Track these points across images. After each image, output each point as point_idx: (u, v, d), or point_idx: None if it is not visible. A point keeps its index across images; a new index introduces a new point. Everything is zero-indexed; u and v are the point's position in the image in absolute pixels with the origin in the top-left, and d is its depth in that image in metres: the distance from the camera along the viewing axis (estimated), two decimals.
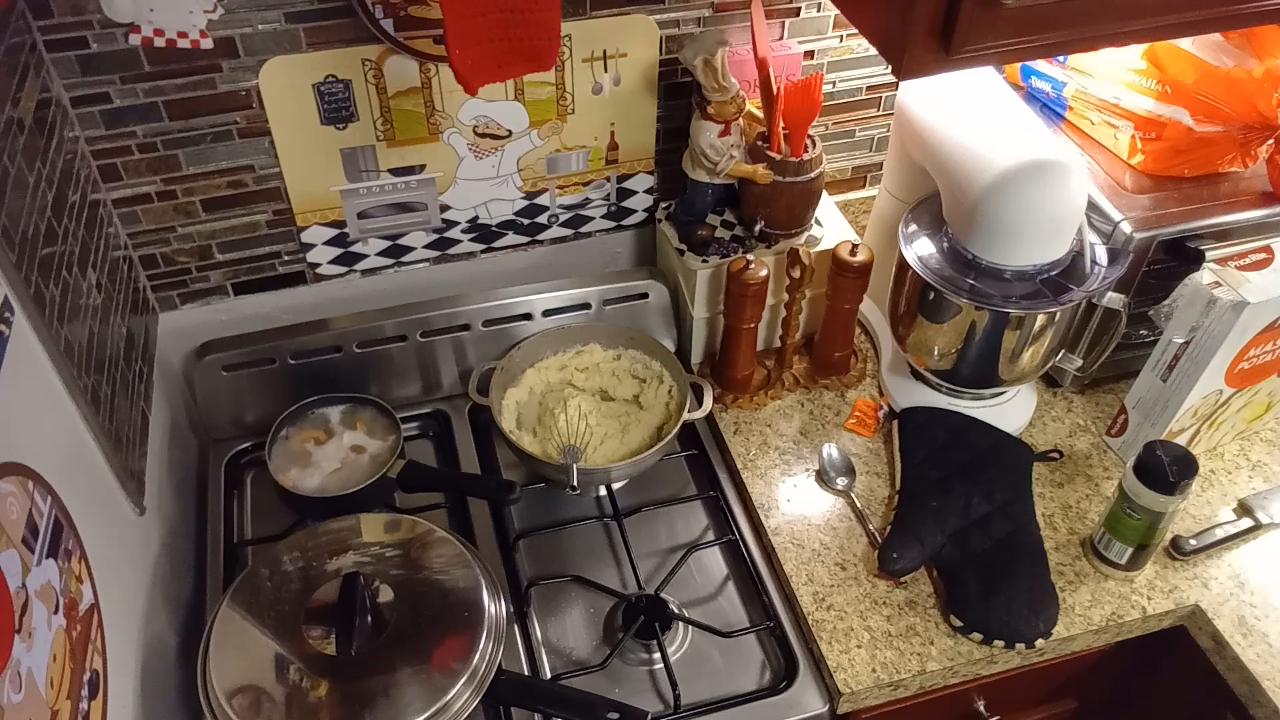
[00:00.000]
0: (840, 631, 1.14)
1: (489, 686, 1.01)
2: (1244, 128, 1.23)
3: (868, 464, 1.32)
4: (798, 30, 1.35)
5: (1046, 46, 0.98)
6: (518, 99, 1.29)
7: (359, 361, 1.36)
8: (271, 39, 1.14)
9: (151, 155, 1.19)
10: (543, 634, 1.19)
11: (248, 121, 1.20)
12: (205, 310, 1.35)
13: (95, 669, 0.89)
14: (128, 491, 1.07)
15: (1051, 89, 1.39)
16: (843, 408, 1.39)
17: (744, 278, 1.27)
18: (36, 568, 0.80)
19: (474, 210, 1.38)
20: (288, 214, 1.30)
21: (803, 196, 1.33)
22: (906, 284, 1.27)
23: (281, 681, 0.99)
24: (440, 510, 1.31)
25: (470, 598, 1.06)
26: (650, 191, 1.45)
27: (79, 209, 1.08)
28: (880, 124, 1.52)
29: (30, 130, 0.98)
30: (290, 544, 1.12)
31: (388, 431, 1.31)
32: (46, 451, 0.88)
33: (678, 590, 1.22)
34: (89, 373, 1.01)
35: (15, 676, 0.73)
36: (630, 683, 1.14)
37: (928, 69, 0.96)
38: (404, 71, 1.21)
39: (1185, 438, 1.28)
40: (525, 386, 1.39)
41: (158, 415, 1.23)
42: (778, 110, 1.28)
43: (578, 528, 1.30)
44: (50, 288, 0.95)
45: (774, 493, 1.29)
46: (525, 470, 1.34)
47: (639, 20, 1.27)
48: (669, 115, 1.37)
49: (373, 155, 1.28)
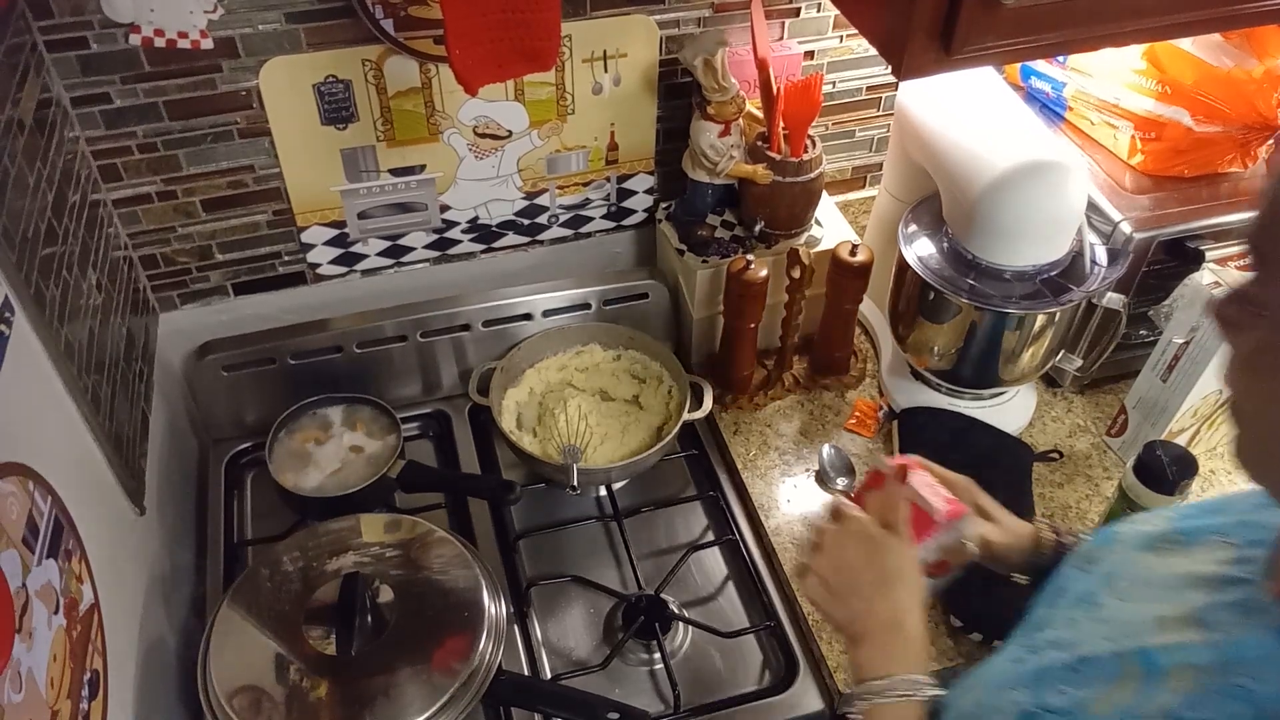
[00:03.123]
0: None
1: (489, 686, 1.01)
2: (1244, 128, 1.23)
3: (868, 464, 1.32)
4: (798, 30, 1.35)
5: (1046, 46, 0.98)
6: (518, 99, 1.29)
7: (359, 361, 1.36)
8: (271, 39, 1.14)
9: (152, 155, 1.19)
10: (543, 634, 1.19)
11: (248, 122, 1.20)
12: (205, 310, 1.35)
13: (95, 669, 0.89)
14: (128, 491, 1.07)
15: (1051, 89, 1.39)
16: (843, 408, 1.39)
17: (744, 278, 1.27)
18: (36, 568, 0.80)
19: (474, 210, 1.38)
20: (288, 214, 1.30)
21: (803, 196, 1.33)
22: (906, 284, 1.27)
23: (281, 681, 0.99)
24: (440, 510, 1.31)
25: (470, 598, 1.06)
26: (650, 191, 1.45)
27: (79, 209, 1.08)
28: (880, 124, 1.52)
29: (30, 130, 0.98)
30: (290, 544, 1.13)
31: (387, 431, 1.31)
32: (46, 451, 0.88)
33: (678, 590, 1.22)
34: (89, 373, 1.01)
35: (15, 676, 0.73)
36: (630, 683, 1.15)
37: (928, 69, 0.96)
38: (404, 71, 1.21)
39: (1185, 438, 1.28)
40: (525, 386, 1.39)
41: (158, 415, 1.23)
42: (778, 110, 1.28)
43: (578, 528, 1.30)
44: (50, 288, 0.95)
45: (774, 493, 1.29)
46: (525, 470, 1.34)
47: (639, 20, 1.27)
48: (669, 115, 1.37)
49: (373, 155, 1.28)
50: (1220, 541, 0.68)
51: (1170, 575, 0.68)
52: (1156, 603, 0.66)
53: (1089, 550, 0.79)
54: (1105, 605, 0.70)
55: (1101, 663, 0.64)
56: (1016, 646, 0.74)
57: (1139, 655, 0.62)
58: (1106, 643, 0.65)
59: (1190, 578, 0.66)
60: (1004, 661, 0.73)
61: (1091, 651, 0.65)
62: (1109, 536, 0.79)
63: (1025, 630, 0.76)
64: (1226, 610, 0.61)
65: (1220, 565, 0.65)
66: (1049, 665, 0.68)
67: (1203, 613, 0.62)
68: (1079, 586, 0.75)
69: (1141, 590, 0.69)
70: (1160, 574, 0.69)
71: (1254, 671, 0.55)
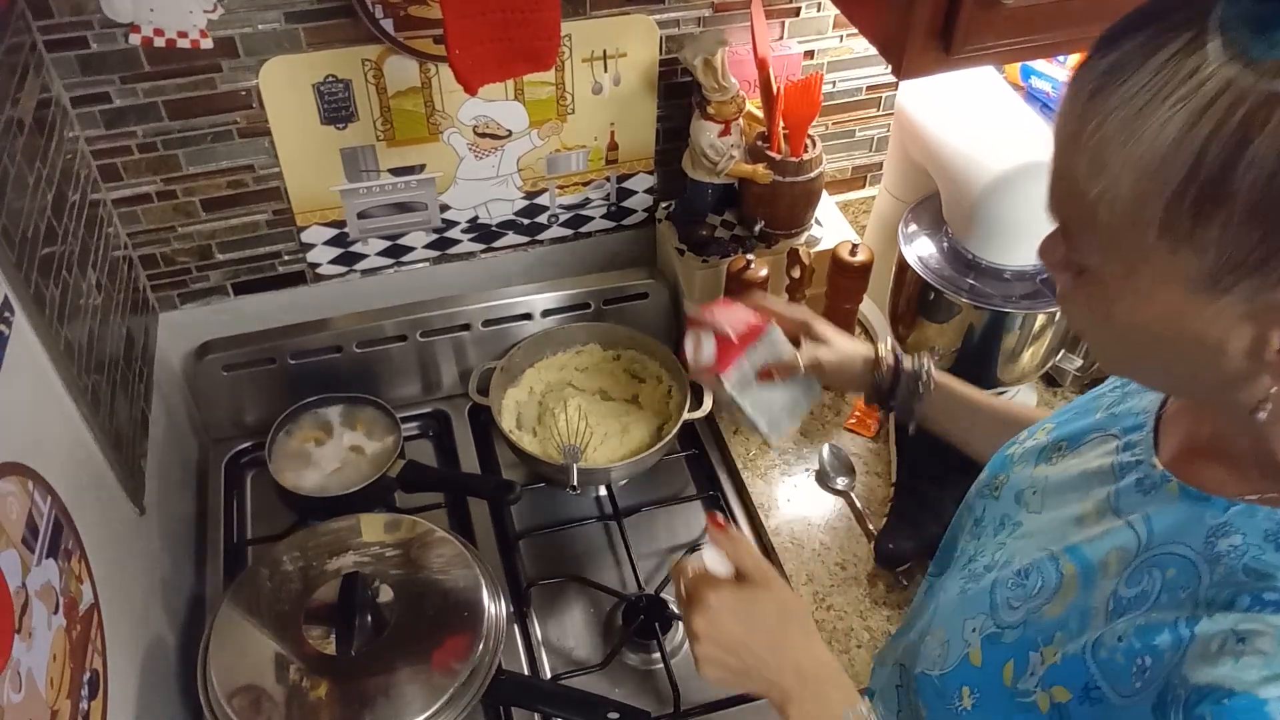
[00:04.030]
0: (840, 631, 1.14)
1: (489, 686, 1.01)
2: None
3: (868, 464, 1.32)
4: (798, 30, 1.35)
5: (1046, 46, 0.98)
6: (518, 99, 1.29)
7: (359, 361, 1.36)
8: (271, 39, 1.14)
9: (151, 155, 1.19)
10: (543, 634, 1.19)
11: (248, 121, 1.20)
12: (205, 310, 1.35)
13: (95, 669, 0.89)
14: (128, 491, 1.07)
15: (1052, 89, 1.38)
16: (843, 408, 1.39)
17: (744, 277, 1.27)
18: (36, 568, 0.80)
19: (474, 210, 1.38)
20: (288, 214, 1.30)
21: (803, 196, 1.33)
22: (906, 284, 1.27)
23: (281, 681, 0.99)
24: (440, 510, 1.31)
25: (470, 598, 1.06)
26: (650, 191, 1.45)
27: (79, 209, 1.08)
28: (880, 124, 1.52)
29: (30, 130, 0.98)
30: (290, 544, 1.13)
31: (388, 431, 1.31)
32: (46, 451, 0.88)
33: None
34: (89, 373, 1.00)
35: (15, 676, 0.73)
36: (630, 683, 1.15)
37: (928, 69, 0.96)
38: (404, 71, 1.21)
39: None
40: (525, 386, 1.39)
41: (158, 415, 1.23)
42: (778, 110, 1.28)
43: (578, 528, 1.30)
44: (50, 288, 0.95)
45: (774, 493, 1.29)
46: (525, 470, 1.34)
47: (639, 20, 1.27)
48: (669, 115, 1.37)
49: (373, 155, 1.27)
50: (1102, 436, 0.72)
51: (1071, 478, 0.72)
52: (1070, 505, 0.70)
53: (990, 479, 0.82)
54: (1024, 521, 0.74)
55: (1041, 568, 0.67)
56: (957, 580, 0.77)
57: (1070, 553, 0.66)
58: (1039, 551, 0.69)
59: (1089, 474, 0.70)
60: (951, 597, 0.76)
61: (1029, 561, 0.69)
62: (1003, 461, 0.82)
63: (959, 564, 0.79)
64: (1130, 493, 0.65)
65: (1110, 456, 0.69)
66: (994, 585, 0.71)
67: (1113, 500, 0.66)
68: (993, 513, 0.78)
69: (1052, 499, 0.73)
70: (1062, 479, 0.73)
71: (1174, 536, 0.60)
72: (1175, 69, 0.47)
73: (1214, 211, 0.47)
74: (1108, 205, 0.50)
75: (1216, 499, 0.59)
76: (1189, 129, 0.46)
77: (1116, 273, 0.53)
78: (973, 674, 0.69)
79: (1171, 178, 0.47)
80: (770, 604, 0.81)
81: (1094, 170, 0.51)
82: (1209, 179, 0.46)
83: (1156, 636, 0.55)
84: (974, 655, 0.69)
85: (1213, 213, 0.47)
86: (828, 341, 1.03)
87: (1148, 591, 0.59)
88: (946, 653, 0.72)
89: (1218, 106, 0.46)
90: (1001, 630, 0.68)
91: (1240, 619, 0.52)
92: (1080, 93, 0.52)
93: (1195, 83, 0.46)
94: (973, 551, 0.78)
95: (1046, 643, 0.63)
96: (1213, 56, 0.46)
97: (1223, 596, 0.54)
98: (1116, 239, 0.51)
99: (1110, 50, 0.51)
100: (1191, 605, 0.55)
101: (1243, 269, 0.48)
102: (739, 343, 0.99)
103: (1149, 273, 0.51)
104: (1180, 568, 0.58)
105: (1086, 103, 0.51)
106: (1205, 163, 0.46)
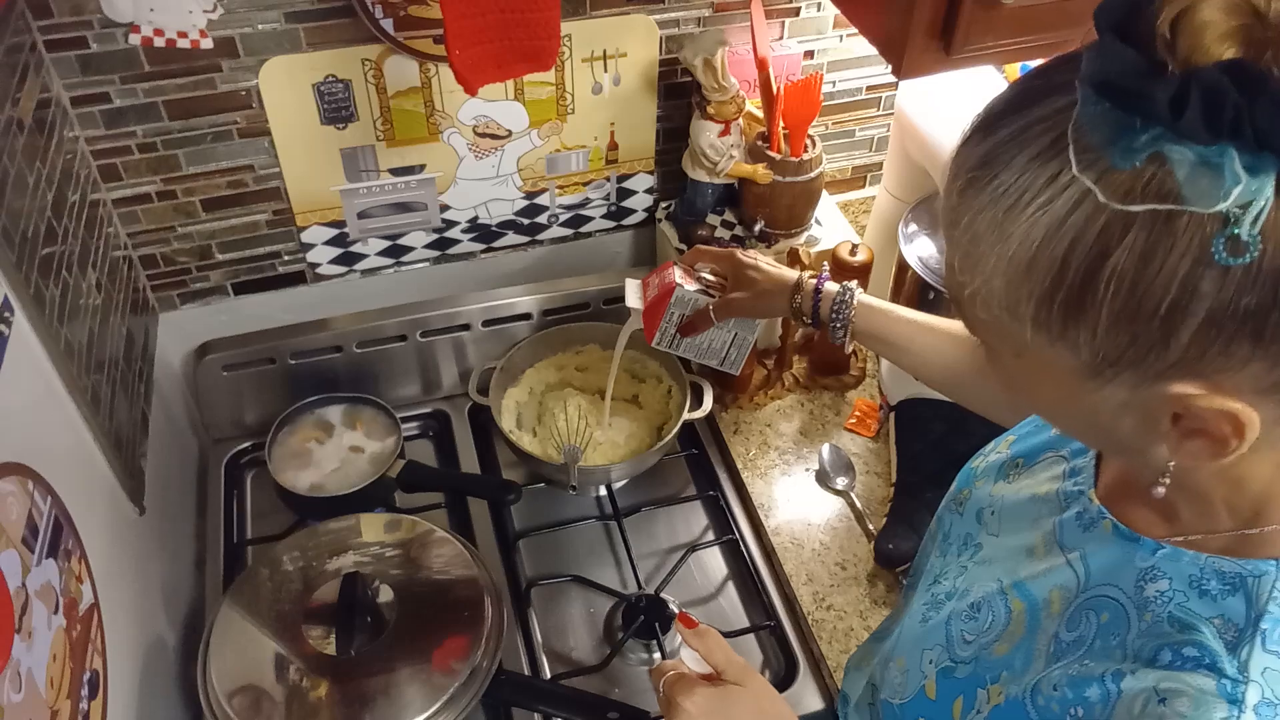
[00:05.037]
0: (840, 631, 1.14)
1: (489, 686, 1.01)
2: None
3: (867, 464, 1.32)
4: (798, 30, 1.35)
5: (1046, 46, 0.98)
6: (518, 99, 1.29)
7: (359, 361, 1.36)
8: (271, 39, 1.14)
9: (151, 155, 1.19)
10: (543, 634, 1.19)
11: (248, 121, 1.20)
12: (205, 310, 1.35)
13: (95, 669, 0.89)
14: (128, 491, 1.07)
15: None
16: (843, 408, 1.39)
17: None
18: (36, 568, 0.80)
19: (474, 210, 1.38)
20: (288, 214, 1.30)
21: (803, 196, 1.33)
22: (906, 284, 1.27)
23: (281, 681, 0.99)
24: (440, 510, 1.31)
25: (470, 598, 1.06)
26: (650, 191, 1.45)
27: (79, 209, 1.08)
28: (880, 124, 1.52)
29: (30, 130, 0.98)
30: (290, 544, 1.13)
31: (388, 431, 1.31)
32: (46, 451, 0.88)
33: (678, 590, 1.22)
34: (89, 373, 1.01)
35: (15, 676, 0.73)
36: (630, 683, 1.14)
37: (928, 69, 0.96)
38: (404, 71, 1.21)
39: None
40: (525, 386, 1.39)
41: (158, 415, 1.23)
42: (778, 110, 1.28)
43: (578, 528, 1.30)
44: (50, 288, 0.95)
45: (774, 493, 1.29)
46: (525, 470, 1.34)
47: (639, 20, 1.27)
48: (669, 115, 1.37)
49: (373, 155, 1.27)
50: (1054, 456, 0.72)
51: (1023, 501, 0.72)
52: (1022, 533, 0.70)
53: (956, 492, 0.82)
54: (984, 544, 0.74)
55: (992, 603, 0.68)
56: (921, 604, 0.77)
57: (1018, 589, 0.66)
58: (992, 583, 0.69)
59: (1038, 500, 0.70)
60: (913, 622, 0.76)
61: (982, 594, 0.69)
62: (969, 475, 0.82)
63: (926, 584, 0.79)
64: (1071, 527, 0.65)
65: (1056, 481, 0.70)
66: (950, 617, 0.71)
67: (1058, 533, 0.66)
68: (958, 530, 0.79)
69: (1008, 522, 0.73)
70: (1015, 501, 0.73)
71: (1108, 578, 0.60)
72: (1039, 172, 0.46)
73: (1081, 316, 0.46)
74: (984, 301, 0.50)
75: (1145, 540, 0.59)
76: (1050, 238, 0.45)
77: (1009, 353, 0.53)
78: (928, 706, 0.69)
79: (1038, 282, 0.47)
80: (747, 702, 0.82)
81: (967, 266, 0.50)
82: (1072, 286, 0.46)
83: (1087, 689, 0.56)
84: (929, 688, 0.70)
85: (1080, 317, 0.46)
86: (753, 280, 1.04)
87: (1084, 636, 0.59)
88: (906, 682, 0.73)
89: (1076, 217, 0.45)
90: (955, 664, 0.68)
91: (1162, 677, 0.53)
92: (957, 179, 0.51)
93: (1056, 188, 0.45)
94: (938, 570, 0.78)
95: (994, 681, 0.64)
96: (1073, 162, 0.45)
97: (1147, 650, 0.55)
98: (999, 328, 0.51)
99: (986, 137, 0.50)
100: (1120, 656, 0.56)
101: (1120, 364, 0.47)
102: (653, 307, 1.09)
103: (1035, 359, 0.51)
104: (1113, 612, 0.58)
105: (959, 195, 0.50)
106: (1069, 271, 0.45)
